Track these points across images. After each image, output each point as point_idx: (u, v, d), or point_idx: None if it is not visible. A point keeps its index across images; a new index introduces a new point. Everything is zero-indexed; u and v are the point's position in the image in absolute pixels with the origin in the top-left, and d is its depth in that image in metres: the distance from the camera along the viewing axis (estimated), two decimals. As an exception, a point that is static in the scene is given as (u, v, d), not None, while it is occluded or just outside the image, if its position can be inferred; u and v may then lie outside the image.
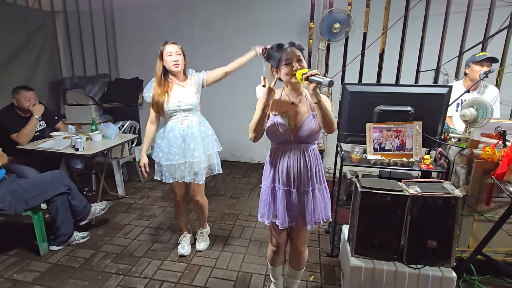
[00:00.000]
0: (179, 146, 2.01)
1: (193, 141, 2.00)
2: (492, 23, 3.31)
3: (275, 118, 1.47)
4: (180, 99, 1.98)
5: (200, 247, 2.28)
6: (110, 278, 2.04)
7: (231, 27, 4.02)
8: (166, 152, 2.02)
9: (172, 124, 2.02)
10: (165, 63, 1.96)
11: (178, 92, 1.99)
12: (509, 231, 1.90)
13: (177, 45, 1.98)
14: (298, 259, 1.72)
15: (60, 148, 2.70)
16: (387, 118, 2.00)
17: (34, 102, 2.88)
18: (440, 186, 1.67)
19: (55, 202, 2.27)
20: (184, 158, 2.02)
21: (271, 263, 1.78)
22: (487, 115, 1.89)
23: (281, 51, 1.42)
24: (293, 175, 1.49)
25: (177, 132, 2.01)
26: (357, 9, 3.61)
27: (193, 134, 2.01)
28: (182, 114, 2.01)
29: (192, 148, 2.00)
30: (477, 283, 1.93)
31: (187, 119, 2.02)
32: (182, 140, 2.01)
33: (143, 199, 3.23)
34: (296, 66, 1.39)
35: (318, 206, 1.53)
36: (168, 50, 1.94)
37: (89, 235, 2.50)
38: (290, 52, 1.40)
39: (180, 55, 1.98)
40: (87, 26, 4.51)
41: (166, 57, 1.94)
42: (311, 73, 1.29)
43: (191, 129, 2.01)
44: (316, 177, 1.53)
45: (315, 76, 1.28)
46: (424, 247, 1.63)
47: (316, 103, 1.35)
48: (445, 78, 3.56)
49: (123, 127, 3.58)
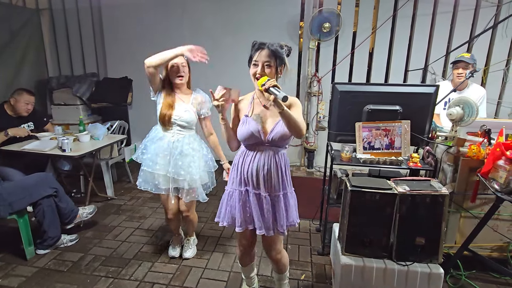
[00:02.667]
0: (164, 157, 1.96)
1: (182, 159, 1.95)
2: (478, 23, 3.38)
3: (246, 120, 1.46)
4: (178, 114, 1.94)
5: (186, 254, 2.25)
6: (99, 281, 2.01)
7: (222, 26, 4.00)
8: (149, 159, 1.98)
9: (164, 133, 1.99)
10: (169, 73, 1.93)
11: (179, 107, 1.95)
12: (494, 227, 1.95)
13: (182, 56, 1.90)
14: (278, 266, 1.69)
15: (46, 149, 2.64)
16: (376, 117, 2.02)
17: (31, 108, 2.87)
18: (427, 184, 1.69)
19: (41, 205, 2.22)
20: (165, 172, 1.96)
21: (241, 263, 1.77)
22: (473, 114, 1.93)
23: (255, 50, 1.39)
24: (262, 177, 1.47)
25: (165, 143, 1.96)
26: (347, 8, 3.63)
27: (183, 151, 1.96)
28: (176, 127, 1.97)
29: (180, 166, 1.94)
30: (464, 278, 1.98)
31: (179, 134, 1.98)
32: (168, 152, 1.96)
33: (133, 200, 3.19)
34: (260, 71, 1.36)
35: (290, 210, 1.52)
36: (173, 62, 1.89)
37: (78, 238, 2.45)
38: (259, 54, 1.37)
39: (185, 66, 1.95)
40: (74, 24, 4.42)
41: (171, 68, 1.92)
42: (270, 83, 1.25)
43: (181, 145, 1.96)
44: (287, 181, 1.52)
45: (274, 88, 1.24)
46: (412, 244, 1.65)
47: (280, 113, 1.29)
48: (433, 77, 3.62)
49: (112, 127, 3.52)
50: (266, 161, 1.46)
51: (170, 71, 1.93)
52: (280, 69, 1.42)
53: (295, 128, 1.34)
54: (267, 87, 1.25)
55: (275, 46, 1.38)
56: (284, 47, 1.41)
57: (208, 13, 4.01)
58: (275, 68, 1.39)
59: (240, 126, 1.48)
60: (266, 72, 1.37)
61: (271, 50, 1.36)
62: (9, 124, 2.76)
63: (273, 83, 1.26)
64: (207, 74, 3.87)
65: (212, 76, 4.17)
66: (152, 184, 2.04)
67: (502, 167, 1.57)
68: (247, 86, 1.56)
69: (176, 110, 1.94)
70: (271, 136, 1.44)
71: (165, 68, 1.94)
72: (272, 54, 1.36)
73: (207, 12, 4.01)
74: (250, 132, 1.43)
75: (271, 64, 1.37)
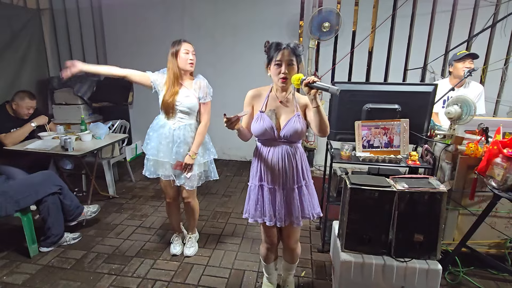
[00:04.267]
0: (166, 144, 2.00)
1: (184, 146, 1.99)
2: (477, 22, 3.40)
3: (261, 116, 1.50)
4: (180, 100, 1.96)
5: (188, 252, 2.27)
6: (102, 278, 2.04)
7: (222, 26, 4.02)
8: (153, 148, 2.02)
9: (165, 120, 2.02)
10: (179, 60, 1.93)
11: (181, 93, 1.97)
12: (491, 224, 1.97)
13: (191, 45, 1.98)
14: (292, 255, 1.77)
15: (49, 148, 2.67)
16: (375, 116, 2.05)
17: (32, 112, 2.90)
18: (426, 182, 1.72)
19: (46, 202, 2.24)
20: (169, 158, 2.01)
21: (265, 260, 1.81)
22: (471, 112, 1.95)
23: (274, 51, 1.43)
24: (278, 172, 1.52)
25: (167, 130, 2.00)
26: (346, 7, 3.65)
27: (185, 139, 1.99)
28: (178, 114, 1.99)
29: (182, 153, 1.99)
30: (462, 274, 2.00)
31: (181, 121, 2.01)
32: (171, 140, 2.00)
33: (134, 199, 3.22)
34: (284, 70, 1.41)
35: (305, 203, 1.57)
36: (185, 48, 1.93)
37: (80, 236, 2.48)
38: (281, 54, 1.41)
39: (194, 55, 1.99)
40: (74, 24, 4.44)
41: (183, 54, 1.93)
42: (312, 79, 1.29)
43: (182, 132, 1.99)
44: (302, 174, 1.56)
45: (318, 83, 1.28)
46: (411, 241, 1.68)
47: (315, 108, 1.35)
48: (432, 76, 3.64)
49: (113, 126, 3.55)
50: (280, 156, 1.52)
51: (181, 58, 1.93)
52: (299, 66, 1.48)
53: (324, 125, 1.41)
54: (310, 81, 1.28)
55: (294, 45, 1.44)
56: (300, 45, 1.48)
57: (208, 13, 4.02)
58: (297, 66, 1.45)
59: (254, 122, 1.53)
60: (290, 70, 1.42)
61: (292, 49, 1.42)
62: (12, 124, 2.78)
63: (313, 78, 1.30)
64: (206, 73, 3.90)
65: (212, 76, 4.19)
66: (161, 172, 2.07)
67: (499, 165, 1.59)
68: (247, 85, 1.59)
69: (178, 96, 1.96)
70: (284, 133, 1.49)
71: (175, 56, 1.94)
72: (293, 53, 1.42)
73: (207, 12, 4.02)
74: (264, 128, 1.48)
75: (294, 63, 1.43)
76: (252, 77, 4.44)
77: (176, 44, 1.95)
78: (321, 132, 1.44)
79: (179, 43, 1.95)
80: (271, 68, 1.47)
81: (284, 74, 1.42)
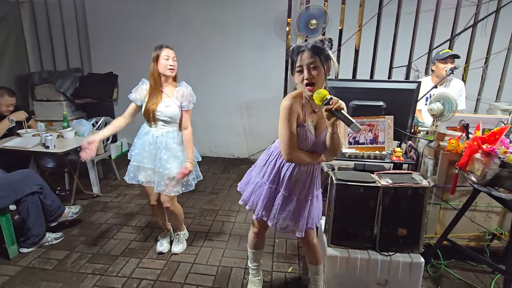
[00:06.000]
0: (150, 150, 2.00)
1: (167, 153, 1.98)
2: (459, 22, 3.49)
3: (305, 129, 1.36)
4: (161, 110, 1.95)
5: (176, 250, 2.25)
6: (86, 278, 1.99)
7: (209, 23, 3.98)
8: (137, 154, 2.03)
9: (149, 128, 2.03)
10: (159, 66, 1.93)
11: (162, 102, 1.97)
12: (471, 217, 2.04)
13: (173, 51, 1.97)
14: (315, 252, 1.69)
15: (29, 146, 2.58)
16: (361, 112, 2.07)
17: (12, 109, 2.81)
18: (409, 177, 1.76)
19: (25, 202, 2.17)
20: (152, 165, 2.01)
21: (252, 246, 1.78)
22: (452, 109, 2.01)
23: (295, 55, 1.29)
24: (299, 183, 1.47)
25: (150, 137, 2.01)
26: (333, 5, 3.67)
27: (167, 146, 1.99)
28: (160, 122, 1.99)
29: (165, 159, 1.97)
30: (443, 267, 2.06)
31: (163, 129, 2.01)
32: (153, 147, 2.00)
33: (119, 197, 3.16)
34: (307, 75, 1.26)
35: (313, 213, 1.56)
36: (166, 54, 1.92)
37: (63, 236, 2.41)
38: (302, 58, 1.26)
39: (175, 61, 1.98)
40: (56, 18, 4.29)
41: (163, 60, 1.92)
42: (339, 106, 1.14)
43: (165, 139, 1.99)
44: (317, 184, 1.55)
45: (341, 113, 1.14)
46: (395, 235, 1.72)
47: (331, 133, 1.26)
48: (416, 74, 3.72)
49: (97, 123, 3.46)
50: (302, 167, 1.46)
51: (161, 64, 1.92)
52: (327, 66, 1.30)
53: (336, 149, 1.33)
54: (332, 109, 1.14)
55: (314, 43, 1.27)
56: (324, 41, 1.28)
57: (194, 10, 3.96)
58: (323, 67, 1.27)
59: (301, 135, 1.36)
60: (313, 74, 1.25)
61: (311, 49, 1.25)
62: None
63: (339, 104, 1.15)
64: (194, 72, 3.86)
65: (200, 74, 4.16)
66: (142, 177, 2.06)
67: (479, 160, 1.64)
68: (235, 83, 1.57)
69: (159, 106, 1.95)
70: (318, 143, 1.40)
71: (156, 60, 1.93)
72: (314, 54, 1.25)
73: (193, 9, 3.96)
74: (308, 141, 1.36)
75: (317, 65, 1.26)
76: (241, 75, 4.45)
77: (157, 49, 1.94)
78: (331, 153, 1.36)
79: (160, 48, 1.94)
80: (295, 75, 1.32)
81: (308, 80, 1.26)
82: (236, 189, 1.76)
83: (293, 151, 1.34)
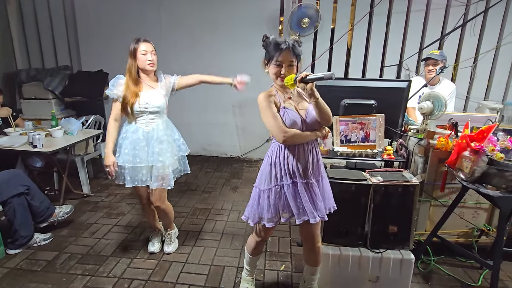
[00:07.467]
0: (142, 148, 1.93)
1: (158, 145, 1.94)
2: (448, 21, 3.54)
3: (286, 111, 1.45)
4: (148, 101, 1.91)
5: (168, 249, 2.22)
6: (75, 279, 1.96)
7: (201, 21, 3.94)
8: (127, 154, 1.94)
9: (136, 126, 1.95)
10: (138, 62, 1.89)
11: (147, 94, 1.92)
12: (460, 214, 2.07)
13: (151, 44, 1.91)
14: (318, 256, 1.65)
15: (16, 145, 2.52)
16: (352, 111, 2.08)
17: None
18: (400, 175, 1.78)
19: (11, 203, 2.12)
20: (146, 162, 1.94)
21: (252, 253, 1.75)
22: (442, 108, 2.03)
23: (275, 50, 1.40)
24: (306, 165, 1.47)
25: (141, 134, 1.94)
26: (326, 4, 3.68)
27: (159, 137, 1.95)
28: (149, 116, 1.95)
29: (157, 152, 1.93)
30: (433, 263, 2.09)
31: (153, 122, 1.96)
32: (145, 143, 1.94)
33: (110, 197, 3.11)
34: (285, 72, 1.39)
35: (326, 195, 1.55)
36: (142, 49, 1.87)
37: (52, 237, 2.37)
38: (283, 56, 1.39)
39: (154, 54, 1.93)
40: (44, 14, 4.19)
41: (141, 55, 1.87)
42: (304, 74, 1.30)
43: (156, 132, 1.95)
44: (321, 166, 1.55)
45: (311, 76, 1.28)
46: (385, 232, 1.74)
47: (315, 101, 1.36)
48: (407, 73, 3.76)
49: (87, 122, 3.40)
50: (309, 147, 1.49)
51: (140, 60, 1.88)
52: (299, 65, 1.47)
53: (327, 115, 1.42)
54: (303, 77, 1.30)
55: (294, 44, 1.40)
56: (299, 42, 1.45)
57: (186, 8, 3.92)
58: (296, 67, 1.44)
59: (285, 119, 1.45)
60: (290, 71, 1.41)
61: (292, 49, 1.39)
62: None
63: (305, 74, 1.30)
64: (186, 71, 3.82)
65: (192, 73, 4.10)
66: (138, 179, 1.98)
67: (467, 158, 1.67)
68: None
69: (144, 98, 1.91)
70: (309, 121, 1.46)
71: (133, 56, 1.88)
72: (294, 54, 1.40)
73: (185, 8, 3.92)
74: (293, 120, 1.44)
75: (293, 64, 1.42)
76: (233, 73, 4.40)
77: (134, 42, 1.89)
78: (323, 122, 1.45)
79: (137, 42, 1.88)
80: (269, 67, 1.44)
81: (283, 75, 1.41)
82: (229, 188, 1.75)
83: (284, 130, 1.41)
